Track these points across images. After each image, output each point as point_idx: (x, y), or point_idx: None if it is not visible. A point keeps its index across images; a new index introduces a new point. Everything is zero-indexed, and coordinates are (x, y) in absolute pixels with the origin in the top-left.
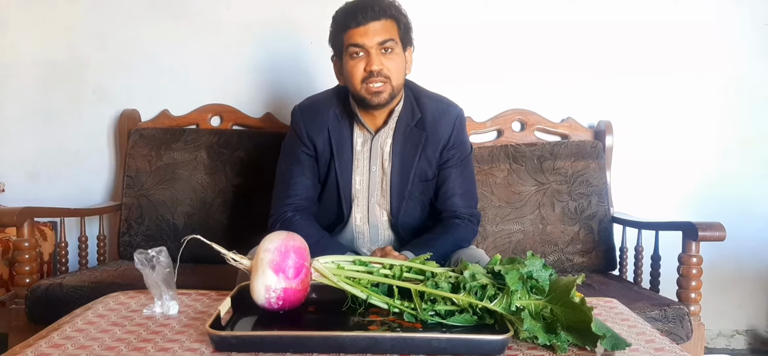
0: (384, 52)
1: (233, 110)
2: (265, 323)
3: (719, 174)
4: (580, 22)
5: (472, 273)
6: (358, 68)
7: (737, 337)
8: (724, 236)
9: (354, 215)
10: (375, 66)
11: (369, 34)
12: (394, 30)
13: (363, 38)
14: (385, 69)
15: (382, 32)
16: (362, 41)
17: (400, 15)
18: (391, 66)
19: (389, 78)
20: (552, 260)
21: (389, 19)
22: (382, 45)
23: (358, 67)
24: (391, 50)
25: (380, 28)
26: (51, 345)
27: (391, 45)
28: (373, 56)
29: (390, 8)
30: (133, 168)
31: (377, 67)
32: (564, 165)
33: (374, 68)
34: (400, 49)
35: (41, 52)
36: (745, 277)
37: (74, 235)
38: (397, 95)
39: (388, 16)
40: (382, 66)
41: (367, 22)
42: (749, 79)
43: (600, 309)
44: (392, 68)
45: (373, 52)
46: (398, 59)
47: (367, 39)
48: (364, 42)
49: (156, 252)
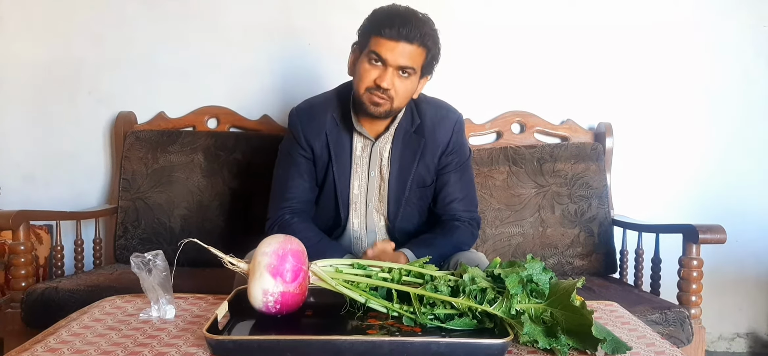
0: (401, 74)
1: (230, 112)
2: (263, 327)
3: (720, 176)
4: (579, 24)
5: (472, 276)
6: (370, 76)
7: (738, 340)
8: (724, 238)
9: (351, 220)
10: (386, 84)
11: (395, 52)
12: (420, 59)
13: (388, 53)
14: (393, 90)
15: (408, 58)
16: (385, 55)
17: (433, 46)
18: (400, 88)
19: (392, 99)
20: (552, 263)
21: (421, 47)
22: (402, 68)
23: (370, 75)
24: (408, 76)
25: (408, 52)
26: (47, 350)
27: (409, 71)
28: (388, 73)
29: (427, 38)
30: (129, 171)
31: (387, 85)
32: (564, 167)
33: (384, 85)
34: (417, 77)
35: (37, 54)
36: (746, 280)
37: (70, 238)
38: (395, 113)
39: (422, 45)
40: (391, 86)
41: (399, 39)
42: (750, 80)
43: (600, 313)
44: (400, 91)
45: (390, 70)
46: (410, 85)
47: (391, 56)
48: (387, 57)
49: (152, 256)
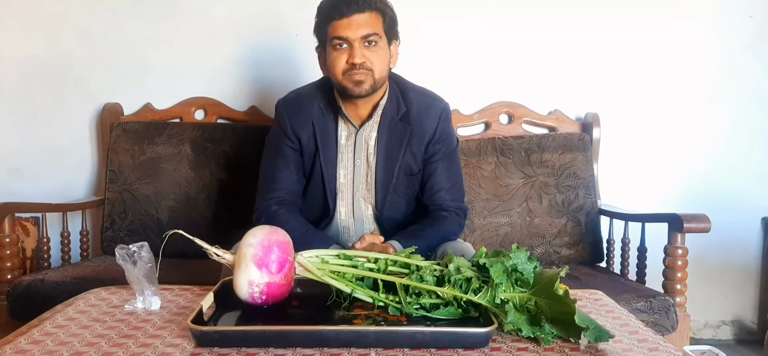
0: (367, 45)
1: (217, 103)
2: (249, 318)
3: (705, 166)
4: (567, 15)
5: (457, 266)
6: (341, 60)
7: (724, 328)
8: (709, 227)
9: (339, 210)
10: (357, 59)
11: (353, 26)
12: (378, 23)
13: (346, 31)
14: (368, 62)
15: (366, 26)
16: (346, 34)
17: (385, 8)
18: (374, 58)
19: (371, 70)
20: (539, 252)
21: (374, 12)
22: (366, 38)
23: (341, 59)
24: (375, 43)
25: (364, 21)
26: (31, 342)
27: (374, 38)
28: (355, 49)
29: (375, 1)
30: (115, 163)
31: (359, 59)
32: (551, 158)
33: (356, 61)
34: (384, 42)
35: (23, 47)
36: (731, 268)
37: (57, 230)
38: (380, 87)
39: (373, 9)
40: (364, 59)
41: (350, 14)
42: (735, 71)
43: (585, 301)
44: (375, 61)
45: (356, 45)
46: (382, 52)
47: (351, 32)
48: (348, 35)
49: (137, 247)
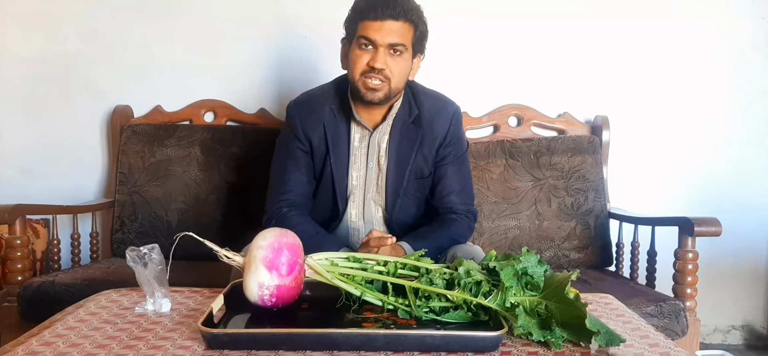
0: (392, 53)
1: (227, 105)
2: (258, 320)
3: (716, 169)
4: (576, 17)
5: (467, 269)
6: (362, 60)
7: (733, 332)
8: (719, 231)
9: (349, 211)
10: (378, 64)
11: (383, 31)
12: (408, 34)
13: (376, 34)
14: (388, 70)
15: (396, 34)
16: (374, 36)
17: (418, 21)
18: (394, 68)
19: (389, 79)
20: (548, 256)
21: (407, 23)
22: (393, 46)
23: (362, 59)
24: (400, 53)
25: (395, 28)
26: (42, 343)
27: (401, 49)
28: (379, 54)
29: (411, 12)
30: (125, 165)
31: (380, 65)
32: (560, 160)
33: (377, 65)
34: (409, 54)
35: (33, 49)
36: (742, 272)
37: (67, 232)
38: (394, 96)
39: (407, 20)
40: (385, 66)
41: (384, 18)
42: (747, 73)
43: (595, 305)
44: (395, 70)
45: (381, 50)
46: (404, 64)
47: (380, 36)
48: (376, 38)
49: (148, 249)
